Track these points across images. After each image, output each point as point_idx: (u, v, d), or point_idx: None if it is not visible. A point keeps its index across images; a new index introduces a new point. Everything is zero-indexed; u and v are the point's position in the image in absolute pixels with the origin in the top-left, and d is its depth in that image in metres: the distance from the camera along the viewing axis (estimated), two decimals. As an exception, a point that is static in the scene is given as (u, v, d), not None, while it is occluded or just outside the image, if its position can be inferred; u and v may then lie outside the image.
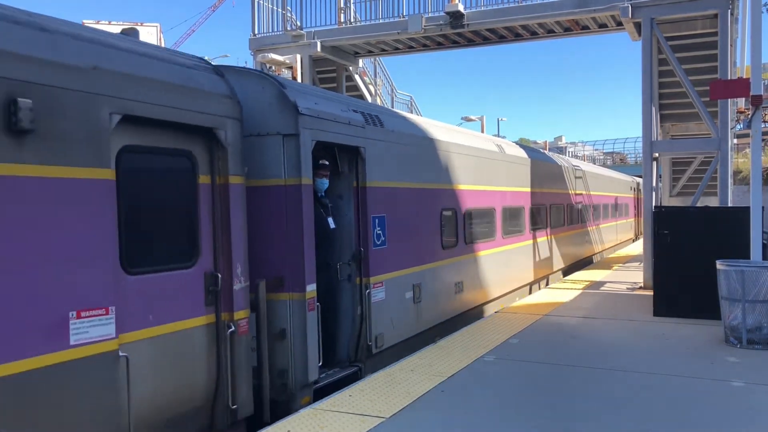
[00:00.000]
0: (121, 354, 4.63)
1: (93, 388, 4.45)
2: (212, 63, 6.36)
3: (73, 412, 4.33)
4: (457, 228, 10.56)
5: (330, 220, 7.57)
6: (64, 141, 4.31)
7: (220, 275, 5.59)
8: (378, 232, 8.14)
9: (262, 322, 6.22)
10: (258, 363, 6.18)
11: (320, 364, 6.98)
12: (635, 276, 15.36)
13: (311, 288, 6.72)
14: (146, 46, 5.43)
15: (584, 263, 19.72)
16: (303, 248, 6.58)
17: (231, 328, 5.62)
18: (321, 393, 6.77)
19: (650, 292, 11.08)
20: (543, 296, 12.73)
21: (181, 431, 5.32)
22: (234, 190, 5.76)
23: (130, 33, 5.58)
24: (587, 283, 14.59)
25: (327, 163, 7.42)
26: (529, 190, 14.19)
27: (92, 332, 4.44)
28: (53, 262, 4.22)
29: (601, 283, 14.48)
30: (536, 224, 14.66)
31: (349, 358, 7.81)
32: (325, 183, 7.44)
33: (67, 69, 4.35)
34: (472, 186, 11.19)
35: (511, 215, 13.07)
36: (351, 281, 7.84)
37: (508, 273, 12.86)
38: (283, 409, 6.36)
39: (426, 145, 9.71)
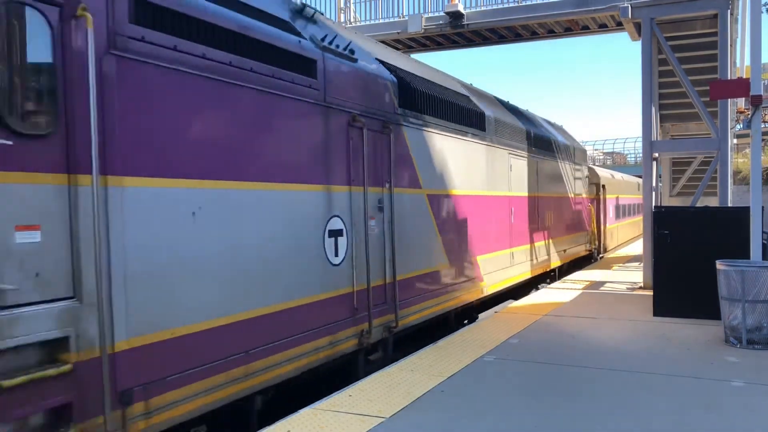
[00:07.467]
0: None
1: None
2: None
3: None
4: None
5: None
6: None
7: None
8: None
9: None
10: None
11: None
12: (635, 276, 15.37)
13: None
14: None
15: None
16: None
17: None
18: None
19: (650, 292, 11.07)
20: (543, 296, 12.72)
21: None
22: None
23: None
24: (587, 283, 14.59)
25: None
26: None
27: None
28: None
29: (601, 283, 14.48)
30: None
31: None
32: None
33: None
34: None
35: None
36: None
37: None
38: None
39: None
